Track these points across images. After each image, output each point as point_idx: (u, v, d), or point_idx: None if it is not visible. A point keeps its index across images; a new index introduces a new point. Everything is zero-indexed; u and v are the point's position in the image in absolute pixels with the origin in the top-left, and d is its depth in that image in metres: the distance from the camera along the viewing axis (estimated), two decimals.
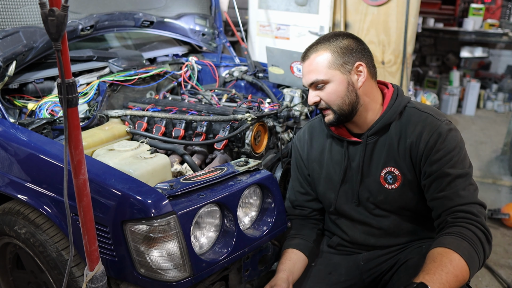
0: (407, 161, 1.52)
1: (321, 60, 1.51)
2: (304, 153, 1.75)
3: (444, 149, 1.45)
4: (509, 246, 2.95)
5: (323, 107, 1.55)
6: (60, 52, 1.05)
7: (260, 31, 4.26)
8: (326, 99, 1.53)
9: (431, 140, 1.46)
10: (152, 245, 1.35)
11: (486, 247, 1.38)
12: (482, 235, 1.38)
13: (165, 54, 2.87)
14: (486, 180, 3.99)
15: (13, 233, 1.66)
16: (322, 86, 1.52)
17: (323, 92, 1.53)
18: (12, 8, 1.99)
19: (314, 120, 1.80)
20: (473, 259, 1.35)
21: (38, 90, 2.14)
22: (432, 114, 1.51)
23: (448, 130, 1.47)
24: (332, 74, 1.50)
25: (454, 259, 1.32)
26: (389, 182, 1.55)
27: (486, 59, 6.73)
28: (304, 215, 1.79)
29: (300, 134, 1.81)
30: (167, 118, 2.08)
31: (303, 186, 1.78)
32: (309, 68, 1.53)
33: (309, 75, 1.53)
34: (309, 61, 1.53)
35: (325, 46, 1.51)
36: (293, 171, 1.83)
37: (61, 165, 1.50)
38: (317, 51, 1.52)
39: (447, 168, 1.44)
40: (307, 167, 1.75)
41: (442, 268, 1.29)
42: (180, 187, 1.44)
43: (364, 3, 3.76)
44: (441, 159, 1.45)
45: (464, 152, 1.48)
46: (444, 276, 1.28)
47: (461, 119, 5.87)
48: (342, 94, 1.51)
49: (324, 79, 1.50)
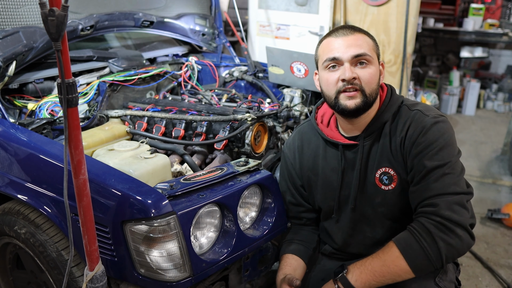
0: (400, 160, 1.48)
1: (367, 40, 1.47)
2: (296, 162, 1.69)
3: (425, 142, 1.41)
4: (509, 246, 2.95)
5: (356, 87, 1.44)
6: (60, 52, 1.05)
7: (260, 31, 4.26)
8: (366, 78, 1.43)
9: (414, 134, 1.43)
10: (152, 245, 1.35)
11: (441, 237, 1.32)
12: (433, 226, 1.33)
13: (165, 54, 2.87)
14: (486, 180, 3.99)
15: (13, 233, 1.66)
16: (364, 64, 1.44)
17: (365, 71, 1.44)
18: (12, 8, 1.99)
19: (303, 125, 1.73)
20: (410, 247, 1.34)
21: (38, 90, 2.14)
22: (420, 110, 1.47)
23: (432, 124, 1.42)
24: (375, 57, 1.48)
25: (386, 247, 1.39)
26: (385, 183, 1.51)
27: (486, 59, 6.73)
28: (301, 224, 1.76)
29: (289, 142, 1.74)
30: (167, 118, 2.08)
31: (295, 197, 1.72)
32: (356, 42, 1.44)
33: (355, 48, 1.43)
34: (354, 36, 1.45)
35: (365, 33, 1.49)
36: (283, 182, 1.74)
37: (61, 165, 1.50)
38: (360, 33, 1.48)
39: (425, 160, 1.39)
40: (300, 177, 1.69)
41: (372, 256, 1.40)
42: (180, 187, 1.44)
43: (364, 3, 3.76)
44: (421, 152, 1.41)
45: (448, 143, 1.40)
46: (368, 260, 1.39)
47: (461, 119, 5.87)
48: (376, 81, 1.47)
49: (371, 57, 1.45)
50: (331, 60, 1.46)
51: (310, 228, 1.76)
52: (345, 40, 1.45)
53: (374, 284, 1.38)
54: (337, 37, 1.47)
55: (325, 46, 1.49)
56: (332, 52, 1.46)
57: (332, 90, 1.47)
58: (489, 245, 2.96)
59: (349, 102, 1.44)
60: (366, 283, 1.37)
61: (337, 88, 1.45)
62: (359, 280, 1.38)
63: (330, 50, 1.46)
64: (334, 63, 1.46)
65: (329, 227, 1.69)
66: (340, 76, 1.44)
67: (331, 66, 1.47)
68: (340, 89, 1.45)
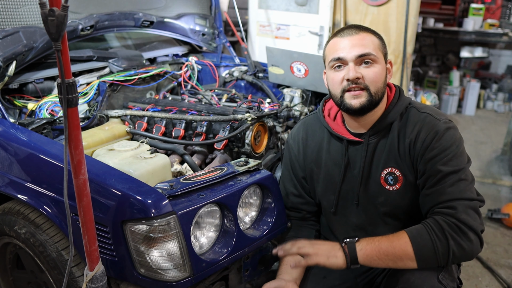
0: (407, 162, 1.50)
1: (373, 39, 1.49)
2: (300, 153, 1.71)
3: (439, 147, 1.43)
4: (509, 246, 2.95)
5: (360, 86, 1.46)
6: (60, 52, 1.05)
7: (260, 31, 4.26)
8: (371, 77, 1.45)
9: (428, 139, 1.45)
10: (152, 245, 1.35)
11: (453, 236, 1.35)
12: (446, 225, 1.36)
13: (165, 54, 2.87)
14: (486, 180, 3.99)
15: (13, 233, 1.66)
16: (369, 64, 1.46)
17: (369, 70, 1.46)
18: (12, 8, 1.99)
19: (309, 117, 1.75)
20: (421, 237, 1.36)
21: (38, 90, 2.14)
22: (431, 114, 1.50)
23: (445, 129, 1.45)
24: (380, 56, 1.49)
25: (398, 232, 1.41)
26: (390, 183, 1.53)
27: (486, 59, 6.73)
28: (299, 218, 1.77)
29: (294, 132, 1.76)
30: (167, 118, 2.08)
31: (296, 188, 1.74)
32: (361, 42, 1.46)
33: (359, 47, 1.45)
34: (359, 36, 1.47)
35: (371, 32, 1.51)
36: (286, 171, 1.77)
37: (61, 165, 1.50)
38: (366, 32, 1.49)
39: (439, 166, 1.42)
40: (303, 169, 1.71)
41: (382, 236, 1.42)
42: (180, 187, 1.44)
43: (364, 3, 3.76)
44: (435, 157, 1.43)
45: (460, 150, 1.45)
46: (377, 238, 1.41)
47: (461, 119, 5.87)
48: (382, 80, 1.49)
49: (376, 56, 1.46)
50: (336, 60, 1.49)
51: (309, 224, 1.77)
52: (350, 40, 1.47)
53: (375, 261, 1.40)
54: (342, 37, 1.49)
55: (331, 46, 1.53)
56: (337, 52, 1.49)
57: (338, 89, 1.50)
58: (489, 245, 2.95)
59: (354, 101, 1.47)
60: (369, 256, 1.40)
61: (342, 87, 1.48)
62: (363, 251, 1.40)
63: (336, 50, 1.49)
64: (339, 63, 1.49)
65: (331, 223, 1.70)
66: (345, 76, 1.47)
67: (337, 66, 1.50)
68: (345, 88, 1.47)
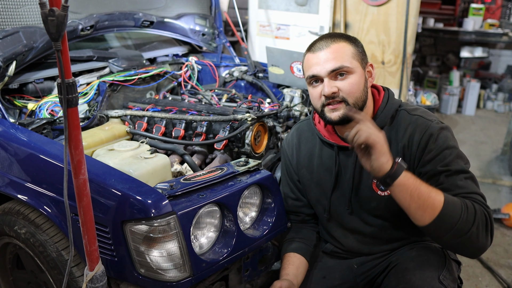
0: None
1: (346, 49, 1.47)
2: (293, 158, 1.72)
3: (436, 148, 1.42)
4: (509, 246, 2.95)
5: (338, 99, 1.46)
6: (60, 52, 1.05)
7: (260, 31, 4.26)
8: (347, 89, 1.45)
9: (423, 141, 1.44)
10: (152, 245, 1.35)
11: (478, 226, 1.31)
12: (480, 212, 1.32)
13: (165, 54, 2.87)
14: (486, 180, 3.99)
15: (13, 233, 1.66)
16: (344, 76, 1.45)
17: (345, 82, 1.45)
18: (12, 8, 2.00)
19: (302, 123, 1.75)
20: (454, 206, 1.31)
21: (38, 90, 2.14)
22: (421, 116, 1.49)
23: (439, 129, 1.44)
24: (355, 65, 1.47)
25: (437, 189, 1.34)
26: (382, 189, 1.52)
27: (486, 59, 6.73)
28: (299, 220, 1.78)
29: (288, 138, 1.77)
30: (167, 118, 2.08)
31: (293, 191, 1.75)
32: (332, 55, 1.45)
33: (331, 62, 1.45)
34: (330, 49, 1.46)
35: (344, 39, 1.49)
36: (282, 176, 1.80)
37: (61, 165, 1.50)
38: (338, 42, 1.47)
39: (441, 166, 1.41)
40: (297, 173, 1.72)
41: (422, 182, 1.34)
42: (180, 187, 1.44)
43: (364, 3, 3.76)
44: (434, 158, 1.42)
45: (457, 150, 1.44)
46: (419, 180, 1.33)
47: (461, 119, 5.87)
48: (361, 88, 1.47)
49: (350, 67, 1.45)
50: (311, 77, 1.50)
51: (310, 225, 1.78)
52: (322, 55, 1.47)
53: (407, 194, 1.32)
54: (314, 52, 1.49)
55: (306, 63, 1.54)
56: (311, 70, 1.50)
57: (318, 104, 1.51)
58: None
59: (333, 115, 1.48)
60: (405, 186, 1.31)
61: (321, 102, 1.49)
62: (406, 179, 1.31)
63: (310, 67, 1.51)
64: (314, 79, 1.50)
65: (327, 227, 1.71)
66: (322, 92, 1.48)
67: (314, 82, 1.51)
68: (324, 102, 1.49)
